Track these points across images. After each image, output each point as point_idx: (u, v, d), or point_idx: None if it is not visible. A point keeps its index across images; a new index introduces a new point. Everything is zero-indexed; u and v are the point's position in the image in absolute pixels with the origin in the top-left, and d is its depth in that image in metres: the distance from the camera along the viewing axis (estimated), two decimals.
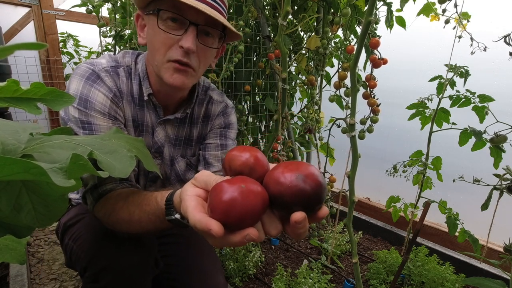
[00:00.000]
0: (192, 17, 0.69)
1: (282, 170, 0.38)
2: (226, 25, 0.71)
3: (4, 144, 0.33)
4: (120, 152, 0.39)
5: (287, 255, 1.61)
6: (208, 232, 0.36)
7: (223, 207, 0.35)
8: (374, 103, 1.02)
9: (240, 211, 0.35)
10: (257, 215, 0.36)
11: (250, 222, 0.36)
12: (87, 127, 0.71)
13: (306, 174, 0.36)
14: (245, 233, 0.36)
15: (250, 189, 0.36)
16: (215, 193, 0.37)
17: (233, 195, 0.35)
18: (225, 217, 0.35)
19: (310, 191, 0.36)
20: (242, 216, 0.35)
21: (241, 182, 0.36)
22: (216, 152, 0.92)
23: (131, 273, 0.73)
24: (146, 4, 0.73)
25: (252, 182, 0.37)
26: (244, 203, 0.35)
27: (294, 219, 0.36)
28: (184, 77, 0.73)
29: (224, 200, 0.35)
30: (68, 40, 2.88)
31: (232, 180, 0.37)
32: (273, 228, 0.39)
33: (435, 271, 1.23)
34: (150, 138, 0.85)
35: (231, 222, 0.35)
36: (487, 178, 1.05)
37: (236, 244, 0.37)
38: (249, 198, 0.35)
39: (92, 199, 0.71)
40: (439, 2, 1.03)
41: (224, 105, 0.95)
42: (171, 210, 0.55)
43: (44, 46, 0.27)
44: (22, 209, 0.34)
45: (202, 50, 0.73)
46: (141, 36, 0.78)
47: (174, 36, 0.70)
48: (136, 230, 0.65)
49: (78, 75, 0.73)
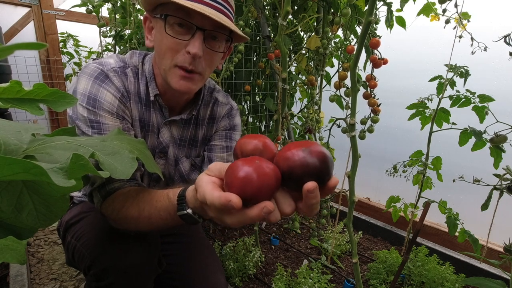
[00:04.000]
0: (199, 22, 0.69)
1: (289, 147, 0.40)
2: (234, 29, 0.71)
3: (6, 144, 0.33)
4: (122, 153, 0.39)
5: (287, 255, 1.61)
6: (227, 204, 0.37)
7: (240, 182, 0.37)
8: (374, 103, 1.02)
9: (257, 184, 0.37)
10: (272, 189, 0.38)
11: (266, 196, 0.38)
12: (96, 126, 0.72)
13: (311, 149, 0.39)
14: (262, 205, 0.37)
15: (264, 165, 0.38)
16: (231, 171, 0.39)
17: (248, 170, 0.37)
18: (242, 191, 0.37)
19: (318, 162, 0.38)
20: (259, 189, 0.37)
21: (255, 159, 0.38)
22: (222, 154, 0.93)
23: (135, 272, 0.73)
24: (154, 7, 0.74)
25: (265, 160, 0.39)
26: (260, 177, 0.37)
27: (306, 188, 0.37)
28: (190, 83, 0.74)
29: (240, 175, 0.37)
30: (68, 40, 2.88)
31: (245, 159, 0.39)
32: (287, 205, 0.41)
33: (435, 271, 1.23)
34: (155, 138, 0.86)
35: (248, 195, 0.37)
36: (487, 178, 1.05)
37: (254, 218, 0.38)
38: (264, 172, 0.37)
39: (99, 197, 0.71)
40: (439, 2, 1.03)
41: (229, 107, 0.95)
42: (183, 205, 0.55)
43: (44, 46, 0.27)
44: (23, 209, 0.34)
45: (209, 54, 0.74)
46: (149, 39, 0.79)
47: (181, 41, 0.70)
48: (144, 227, 0.66)
49: (86, 74, 0.73)
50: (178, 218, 0.57)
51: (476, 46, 1.09)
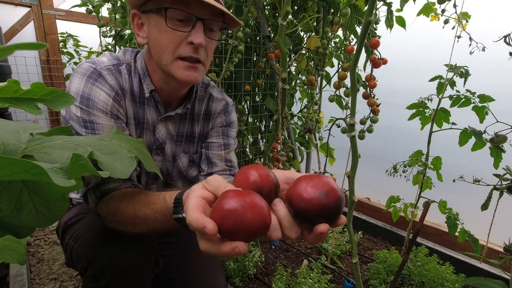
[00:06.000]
0: (198, 12, 0.70)
1: (305, 185, 0.40)
2: (229, 14, 0.73)
3: (5, 144, 0.33)
4: (121, 153, 0.39)
5: (287, 255, 1.61)
6: (202, 229, 0.36)
7: (221, 212, 0.36)
8: (374, 103, 1.02)
9: (236, 222, 0.36)
10: (252, 232, 0.37)
11: (243, 236, 0.37)
12: (89, 126, 0.71)
13: (327, 190, 0.39)
14: (235, 245, 0.36)
15: (253, 206, 0.36)
16: (220, 198, 0.38)
17: (234, 205, 0.36)
18: (221, 223, 0.36)
19: (333, 205, 0.39)
20: (237, 228, 0.36)
21: (248, 196, 0.37)
22: (220, 152, 0.93)
23: (132, 273, 0.73)
24: (143, 2, 0.73)
25: (259, 201, 0.37)
26: (242, 216, 0.36)
27: (319, 231, 0.39)
28: (196, 73, 0.74)
29: (224, 206, 0.36)
30: (68, 40, 2.88)
31: (241, 192, 0.38)
32: (293, 232, 0.42)
33: (435, 271, 1.23)
34: (151, 135, 0.86)
35: (225, 229, 0.36)
36: (487, 178, 1.05)
37: (224, 254, 0.37)
38: (248, 213, 0.36)
39: (94, 198, 0.71)
40: (438, 2, 1.03)
41: (225, 103, 0.95)
42: (179, 209, 0.55)
43: (44, 46, 0.27)
44: (23, 209, 0.34)
45: (209, 44, 0.75)
46: (140, 36, 0.78)
47: (182, 33, 0.70)
48: (141, 229, 0.65)
49: (79, 73, 0.73)
50: (174, 221, 0.56)
51: (475, 46, 1.09)
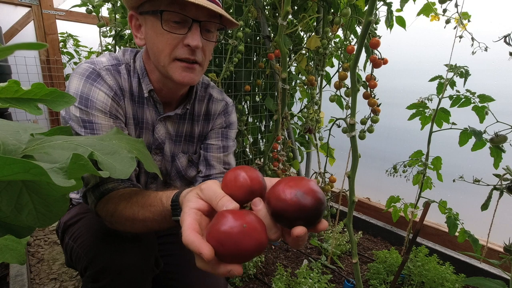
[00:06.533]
0: (194, 14, 0.69)
1: (283, 186, 0.39)
2: (226, 16, 0.72)
3: (5, 144, 0.33)
4: (121, 153, 0.39)
5: (287, 255, 1.61)
6: (198, 254, 0.36)
7: (218, 237, 0.36)
8: (374, 103, 1.02)
9: (233, 248, 0.36)
10: (248, 257, 0.37)
11: (239, 260, 0.37)
12: (88, 126, 0.71)
13: (305, 191, 0.38)
14: (229, 268, 0.37)
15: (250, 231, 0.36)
16: (217, 220, 0.37)
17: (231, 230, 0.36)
18: (217, 247, 0.36)
19: (310, 207, 0.37)
20: (233, 253, 0.36)
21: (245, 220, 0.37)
22: (219, 155, 0.93)
23: (131, 273, 0.73)
24: (140, 3, 0.73)
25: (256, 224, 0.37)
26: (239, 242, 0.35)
27: (295, 234, 0.37)
28: (193, 74, 0.74)
29: (221, 229, 0.36)
30: (68, 40, 2.88)
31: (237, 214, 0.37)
32: (273, 233, 0.40)
33: (435, 271, 1.23)
34: (150, 135, 0.86)
35: (221, 253, 0.36)
36: (487, 178, 1.05)
37: (219, 274, 0.38)
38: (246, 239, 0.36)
39: (93, 198, 0.71)
40: (439, 2, 1.03)
41: (224, 104, 0.95)
42: (177, 211, 0.55)
43: (44, 46, 0.27)
44: (23, 209, 0.34)
45: (206, 45, 0.75)
46: (138, 37, 0.77)
47: (178, 35, 0.70)
48: (140, 229, 0.66)
49: (78, 74, 0.73)
50: (174, 222, 0.56)
51: (476, 46, 1.09)
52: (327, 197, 1.51)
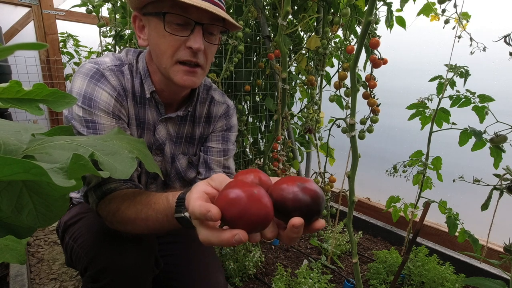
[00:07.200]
0: (196, 17, 0.69)
1: (285, 181, 0.41)
2: (229, 19, 0.72)
3: (6, 144, 0.33)
4: (122, 153, 0.39)
5: (287, 255, 1.61)
6: (205, 213, 0.36)
7: (227, 199, 0.37)
8: (374, 103, 1.02)
9: (241, 210, 0.36)
10: (255, 223, 0.37)
11: (245, 226, 0.37)
12: (91, 126, 0.72)
13: (306, 185, 0.40)
14: (235, 232, 0.36)
15: (259, 198, 0.37)
16: (226, 187, 0.39)
17: (241, 193, 0.36)
18: (226, 209, 0.36)
19: (309, 200, 0.39)
20: (241, 216, 0.36)
21: (255, 188, 0.38)
22: (219, 158, 0.93)
23: (131, 273, 0.73)
24: (143, 5, 0.73)
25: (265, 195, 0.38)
26: (247, 205, 0.36)
27: (292, 223, 0.38)
28: (194, 77, 0.74)
29: (230, 194, 0.37)
30: (68, 40, 2.88)
31: (247, 184, 0.38)
32: (270, 231, 0.41)
33: (435, 271, 1.23)
34: (151, 135, 0.86)
35: (228, 216, 0.36)
36: (487, 178, 1.05)
37: (224, 241, 0.37)
38: (254, 203, 0.36)
39: (95, 198, 0.71)
40: (438, 2, 1.03)
41: (226, 106, 0.95)
42: (181, 208, 0.55)
43: (45, 46, 0.27)
44: (23, 209, 0.34)
45: (208, 48, 0.75)
46: (141, 38, 0.78)
47: (181, 37, 0.70)
48: (141, 229, 0.65)
49: (82, 73, 0.73)
50: (175, 221, 0.56)
51: (475, 47, 1.09)
52: (327, 197, 1.51)
